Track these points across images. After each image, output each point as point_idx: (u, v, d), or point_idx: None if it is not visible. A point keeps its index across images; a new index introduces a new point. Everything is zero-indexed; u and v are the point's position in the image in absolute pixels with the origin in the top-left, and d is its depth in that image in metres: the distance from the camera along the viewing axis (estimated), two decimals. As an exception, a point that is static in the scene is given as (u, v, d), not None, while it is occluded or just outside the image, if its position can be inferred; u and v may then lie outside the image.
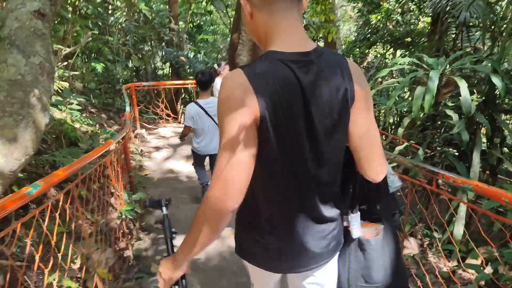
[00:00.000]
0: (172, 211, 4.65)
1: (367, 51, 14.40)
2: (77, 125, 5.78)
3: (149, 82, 9.27)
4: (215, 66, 5.83)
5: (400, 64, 5.16)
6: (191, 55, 11.80)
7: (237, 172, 1.07)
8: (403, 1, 12.84)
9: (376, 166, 1.29)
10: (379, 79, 10.61)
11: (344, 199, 1.41)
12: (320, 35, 14.98)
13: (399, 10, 13.54)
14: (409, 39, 12.96)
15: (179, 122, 9.86)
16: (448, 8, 9.25)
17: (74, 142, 5.01)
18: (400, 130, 4.49)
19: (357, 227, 1.40)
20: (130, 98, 8.09)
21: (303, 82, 1.11)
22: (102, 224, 3.50)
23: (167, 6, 12.42)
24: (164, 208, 1.73)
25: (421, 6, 12.31)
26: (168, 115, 9.28)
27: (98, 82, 9.39)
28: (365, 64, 14.92)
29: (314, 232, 1.32)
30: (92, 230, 3.25)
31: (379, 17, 14.06)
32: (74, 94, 5.79)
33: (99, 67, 7.56)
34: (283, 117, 1.10)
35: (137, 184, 5.29)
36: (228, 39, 12.92)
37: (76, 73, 6.60)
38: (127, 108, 6.35)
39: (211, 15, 18.26)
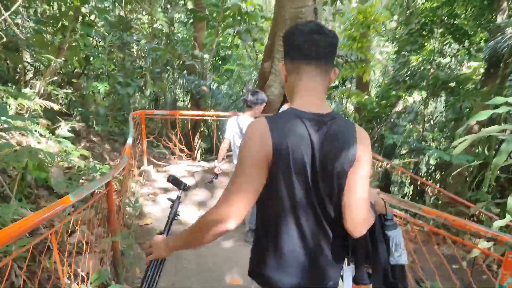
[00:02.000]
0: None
1: (403, 94, 12.90)
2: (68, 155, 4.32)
3: (163, 110, 7.80)
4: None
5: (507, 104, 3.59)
6: (214, 86, 10.44)
7: (242, 200, 1.30)
8: (448, 42, 11.41)
9: (356, 223, 1.38)
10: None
11: (342, 248, 1.47)
12: (353, 75, 13.72)
13: (443, 52, 12.15)
14: (453, 84, 11.46)
15: (194, 159, 8.36)
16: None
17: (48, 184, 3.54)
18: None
19: (348, 279, 1.45)
20: (139, 127, 6.68)
21: (312, 138, 1.33)
22: None
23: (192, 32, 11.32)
24: (181, 191, 1.82)
25: (470, 49, 10.88)
26: (181, 151, 7.75)
27: (107, 107, 8.05)
28: (400, 108, 13.39)
29: (314, 275, 1.42)
30: None
31: (420, 59, 12.65)
32: (39, 119, 4.38)
33: (102, 87, 6.18)
34: (293, 162, 1.31)
35: (126, 249, 3.69)
36: (254, 73, 11.61)
37: (68, 91, 5.22)
38: (129, 140, 4.91)
39: (238, 49, 17.22)
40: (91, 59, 6.44)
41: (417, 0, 15.28)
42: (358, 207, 1.38)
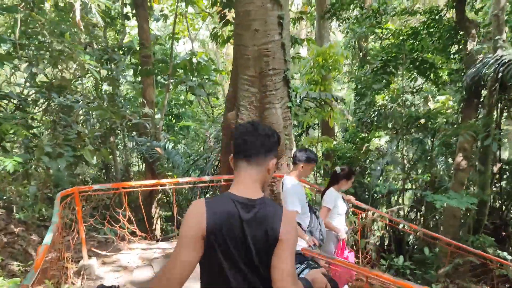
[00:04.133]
0: None
1: (375, 135, 11.93)
2: None
3: (105, 184, 6.02)
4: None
5: None
6: (170, 146, 8.90)
7: (179, 271, 1.47)
8: (413, 78, 10.64)
9: None
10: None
11: None
12: (317, 121, 12.69)
13: (409, 88, 11.40)
14: (423, 121, 10.59)
15: (151, 239, 6.59)
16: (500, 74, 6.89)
17: None
18: None
19: None
20: (73, 210, 4.94)
21: (243, 218, 1.53)
22: None
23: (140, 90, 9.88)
24: None
25: (437, 82, 10.11)
26: (133, 233, 5.95)
27: (37, 185, 6.25)
28: (373, 150, 12.34)
29: None
30: None
31: (386, 97, 11.84)
32: None
33: (11, 164, 4.41)
34: (225, 237, 1.51)
35: None
36: (214, 128, 10.20)
37: None
38: (47, 237, 3.23)
39: (192, 105, 15.97)
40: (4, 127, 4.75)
41: (368, 43, 14.90)
42: (283, 280, 1.49)
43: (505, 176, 8.94)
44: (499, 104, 7.52)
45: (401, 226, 7.62)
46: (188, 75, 10.31)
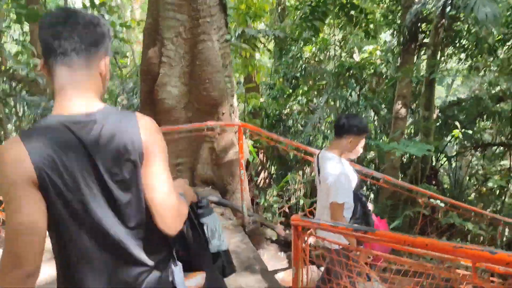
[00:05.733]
0: None
1: (303, 91, 11.12)
2: None
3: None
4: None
5: None
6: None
7: (23, 237, 1.01)
8: (343, 25, 9.89)
9: (167, 222, 1.17)
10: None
11: (162, 252, 1.28)
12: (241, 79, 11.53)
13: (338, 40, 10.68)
14: (354, 72, 9.98)
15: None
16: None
17: None
18: None
19: (179, 278, 1.29)
20: None
21: (85, 141, 1.08)
22: None
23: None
24: None
25: (368, 30, 9.45)
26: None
27: None
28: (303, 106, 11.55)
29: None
30: None
31: (313, 49, 11.01)
32: None
33: None
34: (65, 176, 1.06)
35: None
36: (127, 82, 8.46)
37: None
38: None
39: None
40: None
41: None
42: (164, 204, 1.16)
43: (438, 124, 8.69)
44: (443, 42, 7.01)
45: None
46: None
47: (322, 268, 3.48)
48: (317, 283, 2.88)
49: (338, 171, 2.43)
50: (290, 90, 11.01)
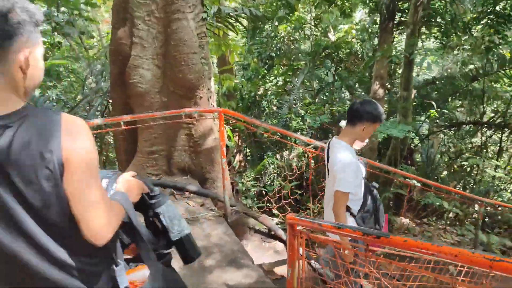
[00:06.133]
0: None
1: (278, 72, 10.86)
2: None
3: None
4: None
5: None
6: (36, 92, 6.63)
7: None
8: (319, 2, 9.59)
9: (94, 232, 1.08)
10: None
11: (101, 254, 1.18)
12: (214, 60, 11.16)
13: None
14: (330, 51, 9.77)
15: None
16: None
17: None
18: None
19: (122, 278, 1.22)
20: None
21: None
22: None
23: None
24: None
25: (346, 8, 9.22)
26: None
27: None
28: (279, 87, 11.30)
29: None
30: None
31: (288, 28, 10.69)
32: None
33: None
34: None
35: None
36: (95, 65, 7.93)
37: None
38: None
39: (60, 48, 13.00)
40: None
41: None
42: (88, 215, 1.06)
43: (414, 104, 8.67)
44: (422, 21, 6.88)
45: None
46: (51, 10, 7.80)
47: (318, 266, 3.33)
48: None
49: (348, 159, 2.26)
50: (265, 71, 10.74)
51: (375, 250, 1.92)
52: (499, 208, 6.19)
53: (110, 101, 5.97)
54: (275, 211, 4.82)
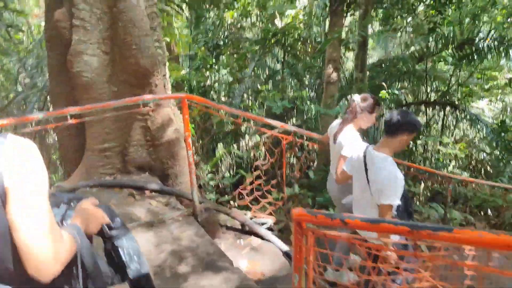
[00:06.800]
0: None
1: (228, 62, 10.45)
2: None
3: None
4: (356, 98, 2.95)
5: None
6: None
7: None
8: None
9: (36, 267, 0.97)
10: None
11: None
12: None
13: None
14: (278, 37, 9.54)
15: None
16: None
17: None
18: None
19: None
20: None
21: None
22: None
23: None
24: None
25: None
26: None
27: None
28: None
29: None
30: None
31: (235, 14, 10.30)
32: None
33: None
34: None
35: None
36: (28, 59, 7.07)
37: None
38: None
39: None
40: None
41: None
42: (34, 247, 0.97)
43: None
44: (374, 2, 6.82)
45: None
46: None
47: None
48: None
49: (394, 172, 2.35)
50: (213, 60, 10.32)
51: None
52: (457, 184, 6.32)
53: (49, 97, 5.30)
54: (236, 203, 4.50)
